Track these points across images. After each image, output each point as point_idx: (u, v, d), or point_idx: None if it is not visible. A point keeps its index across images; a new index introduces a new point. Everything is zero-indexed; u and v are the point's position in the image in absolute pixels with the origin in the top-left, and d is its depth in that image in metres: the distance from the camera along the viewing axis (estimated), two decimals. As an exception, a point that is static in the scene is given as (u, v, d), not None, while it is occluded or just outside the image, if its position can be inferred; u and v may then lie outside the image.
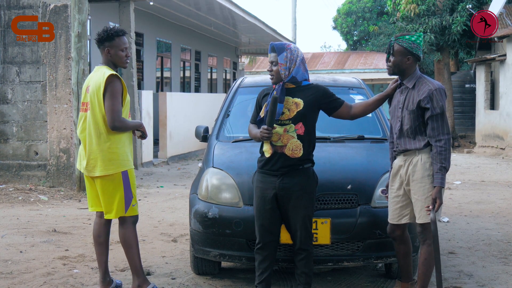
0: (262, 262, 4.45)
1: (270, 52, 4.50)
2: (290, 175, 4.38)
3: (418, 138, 4.39)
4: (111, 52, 4.68)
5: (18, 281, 5.14)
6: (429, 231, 4.35)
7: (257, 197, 4.47)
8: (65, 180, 9.93)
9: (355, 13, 39.00)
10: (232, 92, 6.06)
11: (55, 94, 10.02)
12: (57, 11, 10.04)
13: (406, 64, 4.40)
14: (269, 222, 4.42)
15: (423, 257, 4.43)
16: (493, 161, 16.61)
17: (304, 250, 4.42)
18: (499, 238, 6.99)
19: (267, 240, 4.43)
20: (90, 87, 4.66)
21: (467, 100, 26.32)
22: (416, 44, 4.38)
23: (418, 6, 20.81)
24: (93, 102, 4.60)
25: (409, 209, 4.48)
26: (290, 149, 4.37)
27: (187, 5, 16.70)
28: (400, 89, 4.51)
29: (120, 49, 4.69)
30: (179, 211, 8.56)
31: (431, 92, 4.30)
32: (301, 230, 4.39)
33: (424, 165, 4.35)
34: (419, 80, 4.42)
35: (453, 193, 10.51)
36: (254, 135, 4.51)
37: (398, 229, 4.54)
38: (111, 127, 4.54)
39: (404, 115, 4.41)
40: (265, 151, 4.45)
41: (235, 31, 22.56)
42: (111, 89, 4.54)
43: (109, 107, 4.53)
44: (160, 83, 19.75)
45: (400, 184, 4.49)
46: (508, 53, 18.21)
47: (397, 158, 4.54)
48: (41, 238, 6.72)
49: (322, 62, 34.48)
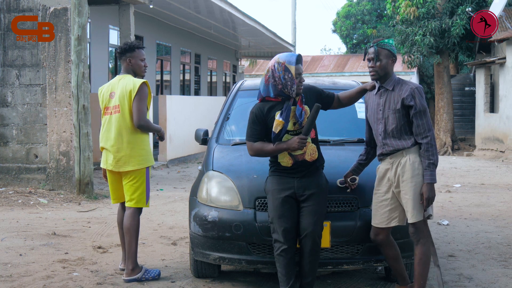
0: (287, 266, 4.42)
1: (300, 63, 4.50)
2: (307, 175, 4.49)
3: (404, 137, 4.46)
4: (132, 62, 5.40)
5: (18, 284, 5.13)
6: (422, 231, 4.41)
7: (275, 199, 4.46)
8: (65, 183, 9.93)
9: (354, 16, 39.04)
10: (232, 95, 6.07)
11: (55, 97, 10.02)
12: (57, 14, 10.05)
13: (390, 66, 4.53)
14: (291, 223, 4.43)
15: (418, 257, 4.45)
16: (493, 164, 16.61)
17: (314, 246, 4.41)
18: (499, 241, 6.99)
19: (292, 242, 4.44)
20: (116, 92, 5.31)
21: (467, 103, 26.34)
22: (394, 46, 4.56)
23: (418, 9, 20.82)
24: (123, 105, 5.27)
25: (398, 212, 4.51)
26: (309, 154, 4.47)
27: (187, 8, 16.71)
28: (378, 93, 4.59)
29: (140, 59, 5.44)
30: (178, 214, 8.56)
31: (412, 90, 4.44)
32: (314, 225, 4.39)
33: (413, 165, 4.41)
34: (397, 82, 4.54)
35: (453, 196, 10.51)
36: (274, 150, 4.43)
37: (382, 233, 4.55)
38: (136, 125, 5.23)
39: (388, 115, 4.49)
40: (283, 162, 4.48)
41: (235, 34, 22.58)
42: (140, 93, 5.25)
43: (136, 108, 5.22)
44: (160, 86, 19.76)
45: (389, 187, 4.52)
46: (507, 56, 18.22)
47: (382, 163, 4.59)
48: (40, 241, 6.71)
49: (322, 65, 34.49)
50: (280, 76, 4.42)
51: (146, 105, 5.27)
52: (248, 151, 4.59)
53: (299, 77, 4.46)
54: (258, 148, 4.51)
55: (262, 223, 4.63)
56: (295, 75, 4.42)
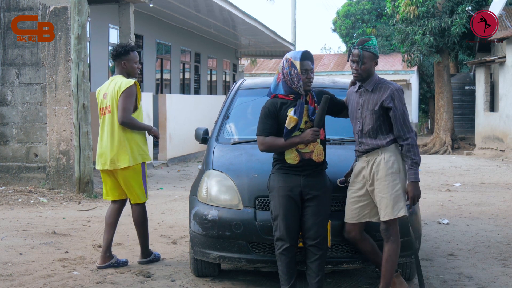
0: (289, 264, 4.44)
1: (308, 60, 4.52)
2: (312, 175, 4.49)
3: (380, 137, 4.53)
4: (127, 65, 5.58)
5: (18, 283, 5.13)
6: (393, 229, 4.47)
7: (280, 197, 4.46)
8: (65, 182, 9.93)
9: (354, 15, 38.98)
10: (232, 94, 6.06)
11: (54, 96, 10.02)
12: (56, 13, 10.04)
13: (373, 68, 4.58)
14: (295, 222, 4.44)
15: (386, 255, 4.49)
16: (492, 163, 16.61)
17: (320, 249, 4.43)
18: (499, 240, 6.99)
19: (294, 241, 4.45)
20: (108, 93, 5.51)
21: (467, 102, 26.37)
22: (377, 47, 4.59)
23: (418, 8, 20.82)
24: (113, 105, 5.47)
25: (369, 209, 4.56)
26: (317, 155, 4.49)
27: (187, 7, 16.71)
28: (359, 92, 4.63)
29: (134, 61, 5.60)
30: (178, 213, 8.56)
31: (392, 92, 4.50)
32: (319, 227, 4.42)
33: (387, 164, 4.48)
34: (378, 83, 4.58)
35: (453, 195, 10.51)
36: (287, 144, 4.44)
37: (355, 230, 4.57)
38: (120, 123, 5.41)
39: (365, 115, 4.55)
40: (290, 159, 4.48)
41: (234, 33, 22.57)
42: (126, 92, 5.41)
43: (121, 105, 5.40)
44: (160, 85, 19.75)
45: (363, 185, 4.56)
46: (507, 55, 18.21)
47: (358, 161, 4.64)
48: (40, 240, 6.71)
49: (322, 64, 34.50)
50: (287, 72, 4.50)
51: (131, 103, 5.44)
52: (259, 146, 4.57)
53: (306, 73, 4.47)
54: (270, 142, 4.50)
55: (262, 222, 4.64)
56: (301, 70, 4.46)
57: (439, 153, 21.23)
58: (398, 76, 30.49)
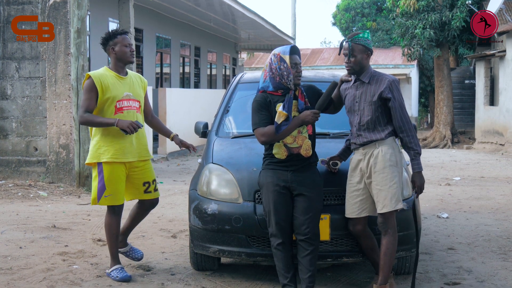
0: (285, 259, 4.45)
1: (296, 54, 4.52)
2: (300, 170, 4.47)
3: (378, 129, 4.52)
4: (116, 49, 5.01)
5: (18, 276, 5.14)
6: (390, 222, 4.45)
7: (269, 192, 4.46)
8: (65, 176, 9.93)
9: (354, 9, 38.96)
10: (232, 88, 6.06)
11: (54, 89, 10.01)
12: (56, 7, 10.03)
13: (366, 60, 4.57)
14: (286, 217, 4.44)
15: (385, 248, 4.48)
16: (492, 157, 16.61)
17: (311, 245, 4.41)
18: (499, 234, 7.00)
19: (288, 236, 4.45)
20: None
21: (467, 96, 26.35)
22: (369, 40, 4.58)
23: (418, 2, 20.79)
24: None
25: (368, 203, 4.55)
26: (305, 149, 4.47)
27: (187, 1, 16.67)
28: (355, 85, 4.63)
29: (124, 44, 5.02)
30: (178, 207, 8.56)
31: (389, 83, 4.51)
32: (309, 223, 4.40)
33: (385, 156, 4.47)
34: (373, 75, 4.58)
35: (453, 189, 10.51)
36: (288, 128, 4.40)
37: (359, 224, 4.57)
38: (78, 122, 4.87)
39: (363, 107, 4.55)
40: (278, 153, 4.47)
41: (234, 27, 22.54)
42: (83, 88, 4.97)
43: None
44: (160, 79, 19.73)
45: (361, 177, 4.56)
46: (507, 49, 18.20)
47: (355, 153, 4.63)
48: (40, 234, 6.72)
49: (322, 58, 34.46)
50: (276, 67, 4.47)
51: (87, 99, 4.92)
52: (260, 137, 4.48)
53: (295, 67, 4.47)
54: (270, 130, 4.42)
55: (261, 216, 4.64)
56: (290, 64, 4.45)
57: (439, 147, 21.24)
58: (398, 70, 30.48)
